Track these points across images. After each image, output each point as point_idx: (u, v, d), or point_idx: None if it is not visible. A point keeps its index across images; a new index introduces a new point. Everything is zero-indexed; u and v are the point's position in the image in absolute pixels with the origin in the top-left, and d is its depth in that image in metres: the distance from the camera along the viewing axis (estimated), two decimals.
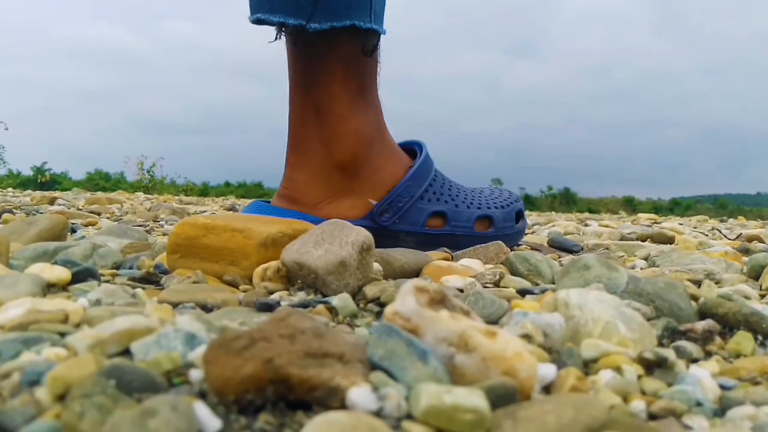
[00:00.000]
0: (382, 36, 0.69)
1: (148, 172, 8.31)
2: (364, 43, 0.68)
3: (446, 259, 0.64)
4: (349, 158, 0.70)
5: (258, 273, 0.51)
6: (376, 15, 0.66)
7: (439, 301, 0.28)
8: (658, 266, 0.69)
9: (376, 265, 0.55)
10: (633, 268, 0.77)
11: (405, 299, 0.27)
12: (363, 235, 0.48)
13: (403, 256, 0.58)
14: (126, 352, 0.28)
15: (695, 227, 2.34)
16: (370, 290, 0.47)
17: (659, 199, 11.62)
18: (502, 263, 0.64)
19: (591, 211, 9.28)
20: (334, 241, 0.47)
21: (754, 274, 0.62)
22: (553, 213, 4.57)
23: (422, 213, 0.72)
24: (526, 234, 1.29)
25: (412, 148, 0.79)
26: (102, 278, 0.51)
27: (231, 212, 1.84)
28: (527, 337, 0.32)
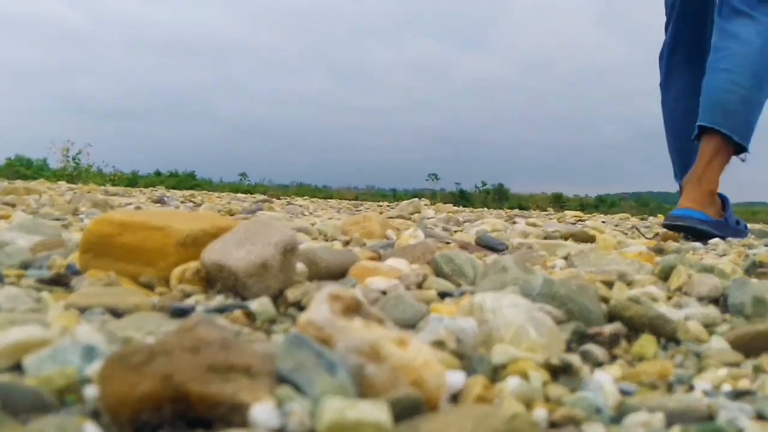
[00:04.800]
0: None
1: (73, 159, 7.89)
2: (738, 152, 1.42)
3: (374, 259, 0.64)
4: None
5: (176, 275, 0.49)
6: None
7: (354, 308, 0.28)
8: (576, 266, 0.71)
9: (301, 266, 0.55)
10: (553, 267, 0.79)
11: (319, 307, 0.27)
12: (287, 234, 0.47)
13: (329, 256, 0.57)
14: (18, 367, 0.27)
15: (617, 225, 2.45)
16: (292, 293, 0.46)
17: (586, 195, 12.09)
18: (427, 263, 0.65)
19: (521, 208, 9.55)
20: (257, 241, 0.47)
21: (664, 276, 0.65)
22: (485, 210, 4.67)
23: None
24: (455, 232, 1.31)
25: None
26: (6, 280, 0.48)
27: (158, 205, 1.78)
28: (440, 343, 0.32)
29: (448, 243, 1.01)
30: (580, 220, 2.63)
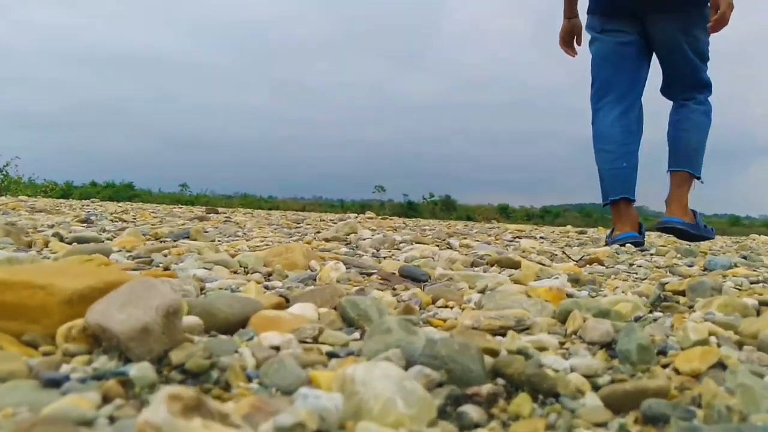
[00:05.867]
0: None
1: (1, 171, 7.58)
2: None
3: (279, 305, 0.64)
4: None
5: (62, 333, 0.48)
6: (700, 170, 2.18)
7: (195, 407, 0.28)
8: (482, 307, 0.73)
9: (195, 319, 0.54)
10: (469, 301, 0.81)
11: (157, 408, 0.27)
12: (170, 297, 0.46)
13: (228, 307, 0.57)
14: None
15: (553, 242, 2.52)
16: (177, 356, 0.45)
17: (531, 207, 12.39)
18: (335, 308, 0.65)
19: (469, 218, 9.71)
20: (139, 303, 0.46)
21: (563, 318, 0.68)
22: (431, 221, 4.72)
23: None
24: (384, 258, 1.32)
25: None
26: None
27: (85, 225, 1.72)
28: (300, 425, 0.32)
29: (370, 275, 1.02)
30: (517, 238, 2.69)
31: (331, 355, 0.49)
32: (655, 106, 2.36)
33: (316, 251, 1.23)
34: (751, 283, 1.34)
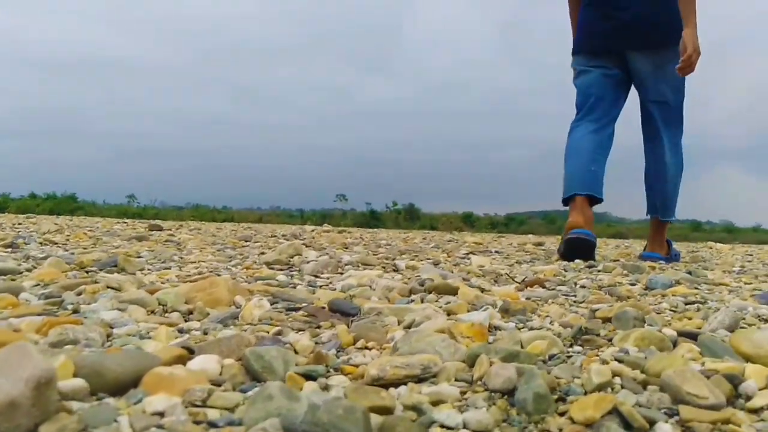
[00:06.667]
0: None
1: None
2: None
3: (180, 359, 0.62)
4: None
5: None
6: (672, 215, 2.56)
7: None
8: (397, 350, 0.72)
9: (81, 382, 0.52)
10: (392, 340, 0.81)
11: None
12: (40, 368, 0.45)
13: (119, 365, 0.55)
14: None
15: (507, 257, 2.55)
16: (47, 430, 0.44)
17: (495, 214, 12.54)
18: (239, 359, 0.64)
19: (432, 227, 9.75)
20: (9, 374, 0.44)
21: (471, 362, 0.68)
22: (393, 231, 4.73)
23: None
24: (321, 287, 1.31)
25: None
26: None
27: (9, 251, 1.66)
28: None
29: (298, 310, 1.00)
30: (471, 253, 2.71)
31: (210, 425, 0.47)
32: (626, 111, 2.57)
33: (247, 283, 1.21)
34: (687, 304, 1.37)
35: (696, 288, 1.69)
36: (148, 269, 1.40)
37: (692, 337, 0.90)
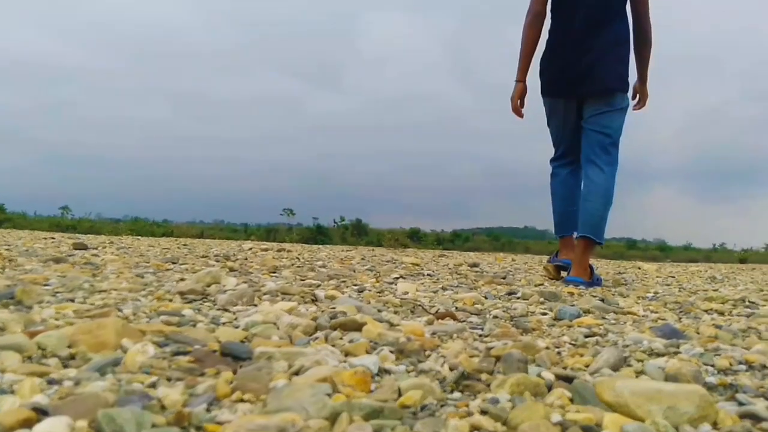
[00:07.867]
0: None
1: None
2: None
3: (27, 422, 0.61)
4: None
5: None
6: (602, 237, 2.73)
7: None
8: (266, 405, 0.73)
9: None
10: (274, 387, 0.80)
11: None
12: None
13: None
14: None
15: (436, 281, 2.58)
16: None
17: (442, 231, 12.69)
18: (92, 421, 0.63)
19: (379, 243, 9.78)
20: None
21: (334, 420, 0.69)
22: (336, 248, 4.70)
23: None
24: (224, 324, 1.30)
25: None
26: None
27: None
28: None
29: (186, 353, 0.99)
30: (401, 277, 2.72)
31: None
32: None
33: (148, 318, 1.18)
34: (587, 336, 1.43)
35: (603, 318, 1.75)
36: (48, 301, 1.35)
37: (569, 380, 0.94)
